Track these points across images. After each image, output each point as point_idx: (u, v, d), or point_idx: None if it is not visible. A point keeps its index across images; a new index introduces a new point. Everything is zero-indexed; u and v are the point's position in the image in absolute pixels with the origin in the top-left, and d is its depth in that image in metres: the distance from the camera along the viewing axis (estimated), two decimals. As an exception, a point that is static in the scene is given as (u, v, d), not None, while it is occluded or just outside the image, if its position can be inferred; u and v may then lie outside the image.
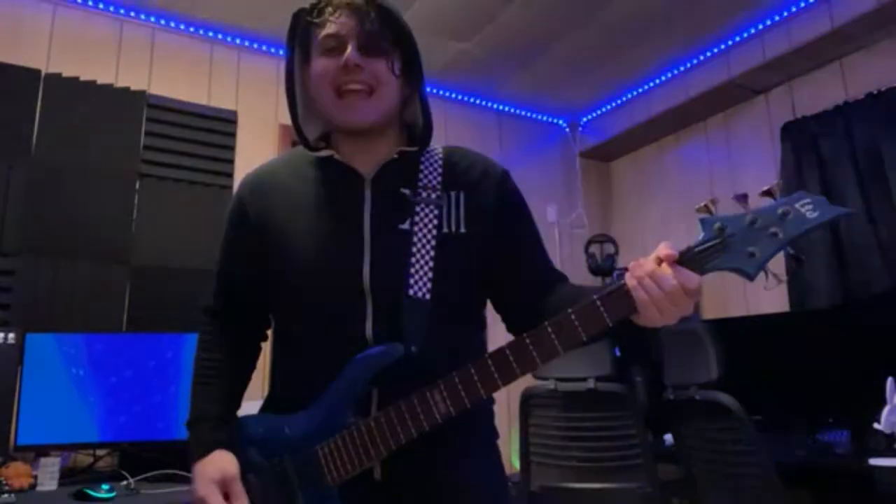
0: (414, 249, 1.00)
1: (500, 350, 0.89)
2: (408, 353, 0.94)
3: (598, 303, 0.86)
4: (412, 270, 0.98)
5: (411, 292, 0.97)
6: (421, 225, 1.01)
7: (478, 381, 0.89)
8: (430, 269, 0.99)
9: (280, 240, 1.03)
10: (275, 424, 1.01)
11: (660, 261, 0.83)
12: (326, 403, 0.96)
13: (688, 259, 0.83)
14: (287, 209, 1.04)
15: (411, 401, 0.92)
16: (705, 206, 0.85)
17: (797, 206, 0.79)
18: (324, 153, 1.07)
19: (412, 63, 1.05)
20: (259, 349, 1.19)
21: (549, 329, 0.87)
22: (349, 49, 0.98)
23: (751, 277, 0.81)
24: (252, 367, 1.17)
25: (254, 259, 1.07)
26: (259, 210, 1.06)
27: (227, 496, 0.97)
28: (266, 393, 1.12)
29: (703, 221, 0.83)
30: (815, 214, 0.79)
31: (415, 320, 0.97)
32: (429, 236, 1.01)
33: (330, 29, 1.00)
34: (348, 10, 0.99)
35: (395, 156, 1.06)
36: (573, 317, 0.86)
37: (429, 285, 0.98)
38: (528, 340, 0.88)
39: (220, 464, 0.99)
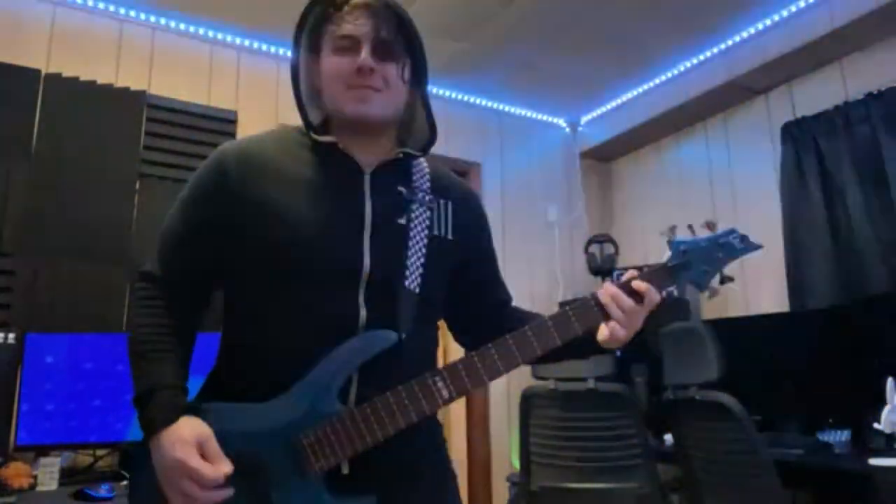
0: (410, 244, 1.04)
1: (504, 340, 0.97)
2: (399, 340, 0.97)
3: (571, 313, 1.00)
4: (408, 263, 1.03)
5: (406, 283, 1.01)
6: (416, 223, 1.06)
7: (481, 368, 0.96)
8: (422, 264, 1.04)
9: (272, 216, 0.99)
10: (251, 412, 0.94)
11: (628, 287, 1.01)
12: (311, 389, 0.93)
13: (665, 272, 1.05)
14: (282, 187, 1.01)
15: (411, 386, 0.93)
16: (669, 229, 1.14)
17: (730, 238, 1.07)
18: (326, 138, 1.06)
19: (419, 69, 1.09)
20: (200, 323, 1.08)
21: (550, 323, 0.99)
22: (364, 52, 1.00)
23: (702, 289, 1.07)
24: (193, 341, 1.06)
25: (225, 228, 1.01)
26: (246, 180, 1.01)
27: (205, 458, 0.89)
28: (208, 378, 1.04)
29: (671, 244, 1.07)
30: (741, 246, 1.07)
31: (407, 310, 1.00)
32: (422, 234, 1.06)
33: (346, 29, 1.01)
34: (366, 12, 1.01)
35: (400, 156, 1.09)
36: (570, 312, 1.00)
37: (419, 280, 1.02)
38: (529, 332, 0.98)
39: (194, 425, 0.91)
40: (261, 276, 1.00)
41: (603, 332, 1.00)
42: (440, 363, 1.06)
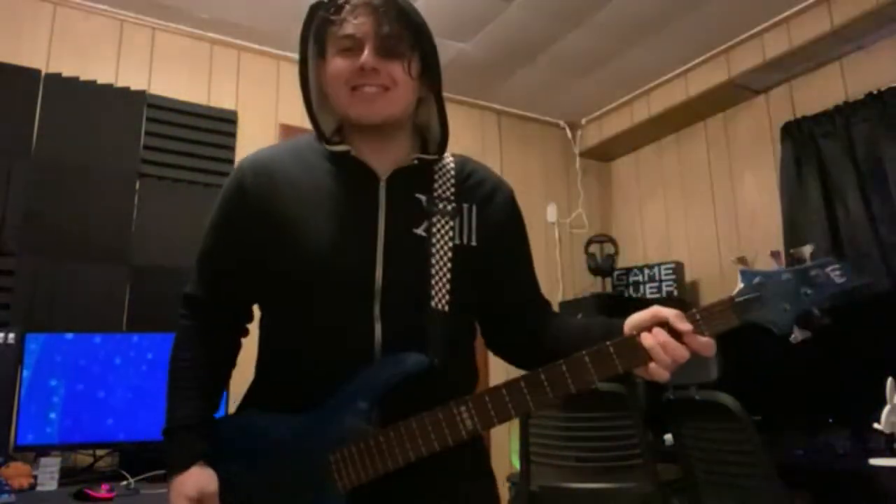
0: (433, 260, 0.99)
1: (535, 374, 0.90)
2: (431, 365, 0.93)
3: (612, 350, 0.89)
4: (433, 282, 0.98)
5: (433, 303, 0.97)
6: (438, 235, 1.01)
7: (509, 402, 0.90)
8: (448, 280, 0.99)
9: (287, 231, 0.99)
10: (279, 426, 0.97)
11: (667, 327, 0.87)
12: (340, 406, 0.93)
13: (729, 308, 0.89)
14: (295, 200, 1.01)
15: (435, 414, 0.90)
16: (740, 259, 0.92)
17: (827, 269, 0.87)
18: (339, 147, 1.04)
19: (429, 63, 1.04)
20: (240, 346, 1.13)
21: (587, 360, 0.89)
22: (366, 51, 0.97)
23: (782, 332, 0.89)
24: (232, 365, 1.12)
25: (248, 246, 1.03)
26: (263, 197, 1.02)
27: None
28: (250, 387, 1.08)
29: (743, 273, 0.90)
30: (842, 280, 0.86)
31: (436, 331, 0.96)
32: (445, 248, 1.01)
33: (347, 29, 0.98)
34: (366, 10, 0.98)
35: (415, 161, 1.05)
36: (612, 349, 0.89)
37: (447, 297, 0.98)
38: (564, 368, 0.89)
39: (199, 480, 0.96)
40: (282, 292, 1.02)
41: (641, 371, 0.89)
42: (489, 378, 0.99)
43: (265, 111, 3.05)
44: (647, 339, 0.87)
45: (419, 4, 1.09)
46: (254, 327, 1.13)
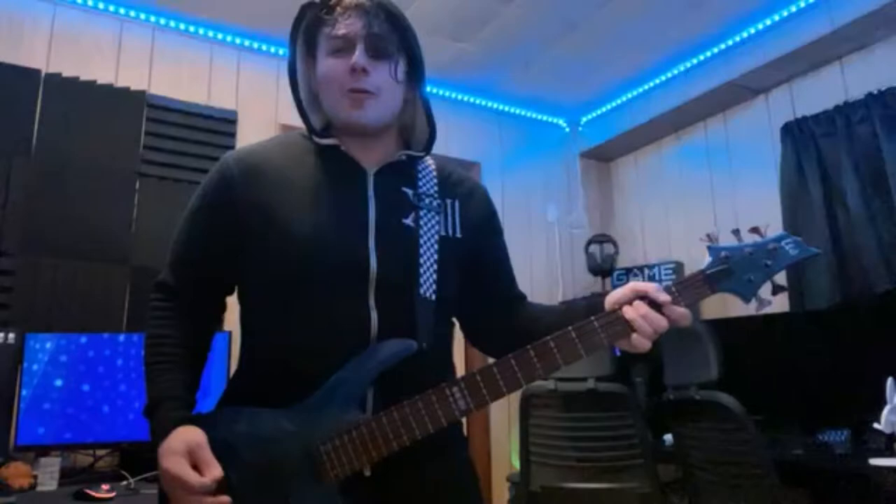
0: (422, 251, 1.03)
1: (524, 350, 0.93)
2: (420, 350, 0.95)
3: (597, 325, 0.95)
4: (421, 270, 1.01)
5: (422, 291, 1.00)
6: (426, 227, 1.05)
7: (500, 379, 0.93)
8: (435, 270, 1.03)
9: (277, 222, 1.00)
10: (269, 417, 0.95)
11: (647, 300, 0.94)
12: (330, 396, 0.93)
13: (700, 281, 0.97)
14: (284, 191, 1.02)
15: (428, 396, 0.92)
16: (707, 236, 1.03)
17: (782, 243, 0.98)
18: (328, 141, 1.07)
19: (416, 66, 1.08)
20: (213, 333, 1.12)
21: (574, 335, 0.93)
22: (357, 52, 1.01)
23: (747, 300, 0.98)
24: (207, 350, 1.09)
25: (229, 237, 1.03)
26: (249, 190, 1.03)
27: (196, 466, 0.92)
28: (231, 383, 1.07)
29: (710, 249, 0.99)
30: (795, 252, 0.98)
31: (425, 318, 0.99)
32: (433, 239, 1.05)
33: (339, 30, 1.02)
34: (357, 12, 1.02)
35: (403, 158, 1.09)
36: (596, 323, 0.94)
37: (434, 286, 1.02)
38: (552, 343, 0.93)
39: (185, 435, 0.93)
40: (271, 282, 1.01)
41: (624, 343, 0.95)
42: (461, 365, 1.03)
43: (265, 111, 3.05)
44: (628, 312, 0.93)
45: (420, 4, 1.11)
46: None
